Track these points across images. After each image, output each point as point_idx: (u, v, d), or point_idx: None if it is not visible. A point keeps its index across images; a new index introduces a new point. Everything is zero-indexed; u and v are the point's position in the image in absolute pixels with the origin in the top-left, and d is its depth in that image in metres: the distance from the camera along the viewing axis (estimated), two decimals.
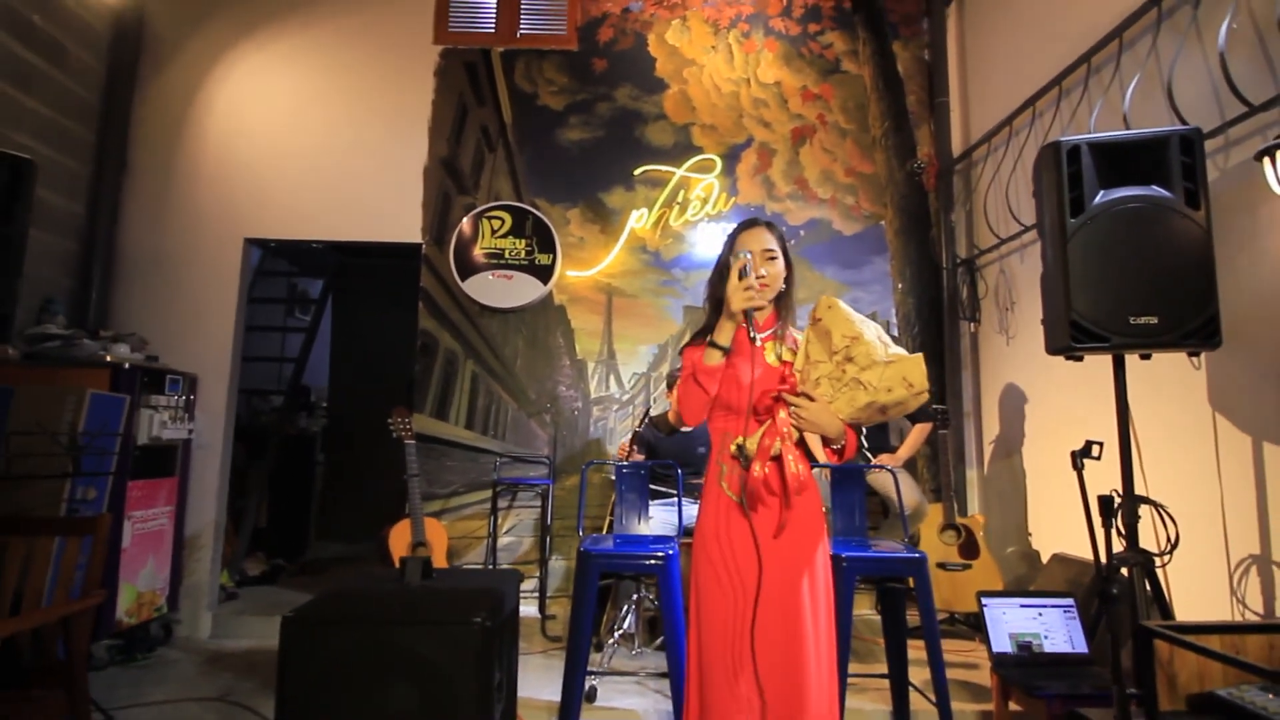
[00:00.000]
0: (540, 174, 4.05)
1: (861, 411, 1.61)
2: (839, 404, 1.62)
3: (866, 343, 1.62)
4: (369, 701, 1.66)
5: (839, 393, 1.62)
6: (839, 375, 1.62)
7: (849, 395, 1.61)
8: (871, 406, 1.60)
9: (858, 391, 1.59)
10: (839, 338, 1.64)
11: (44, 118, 3.48)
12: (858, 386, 1.59)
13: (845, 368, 1.62)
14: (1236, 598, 2.26)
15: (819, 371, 1.66)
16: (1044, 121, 3.22)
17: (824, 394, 1.64)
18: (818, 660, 1.61)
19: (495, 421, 3.85)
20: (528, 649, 3.11)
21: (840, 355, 1.63)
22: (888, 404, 1.61)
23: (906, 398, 1.59)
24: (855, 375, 1.60)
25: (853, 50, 4.16)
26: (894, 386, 1.58)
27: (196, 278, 3.86)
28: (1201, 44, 2.38)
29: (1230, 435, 2.28)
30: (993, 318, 3.70)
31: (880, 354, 1.62)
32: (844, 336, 1.63)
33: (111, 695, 2.67)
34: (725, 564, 1.66)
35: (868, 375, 1.59)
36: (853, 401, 1.60)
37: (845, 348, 1.62)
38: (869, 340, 1.63)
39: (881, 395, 1.58)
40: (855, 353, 1.61)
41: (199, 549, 3.64)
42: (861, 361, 1.60)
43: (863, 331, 1.64)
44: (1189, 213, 2.01)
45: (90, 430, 2.87)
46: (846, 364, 1.62)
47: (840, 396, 1.61)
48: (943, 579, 3.23)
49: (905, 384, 1.58)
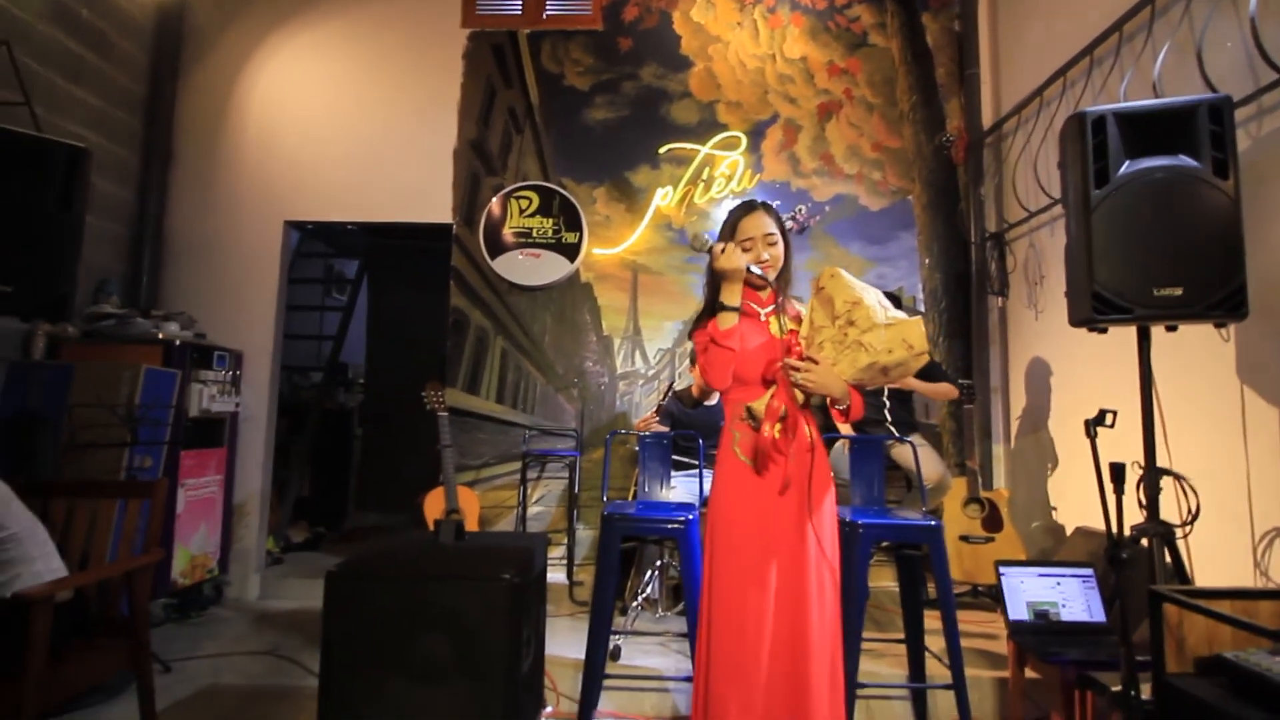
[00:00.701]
0: (567, 154, 4.11)
1: (864, 372, 1.68)
2: (842, 365, 1.70)
3: (867, 307, 1.69)
4: (405, 650, 1.78)
5: (841, 354, 1.69)
6: (841, 338, 1.69)
7: (851, 357, 1.68)
8: (873, 367, 1.67)
9: (859, 353, 1.67)
10: (841, 304, 1.71)
11: (93, 108, 3.64)
12: (859, 348, 1.66)
13: (847, 331, 1.69)
14: (1260, 570, 2.26)
15: (822, 336, 1.73)
16: (1075, 92, 3.17)
17: (827, 356, 1.71)
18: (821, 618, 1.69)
19: (524, 396, 3.96)
20: (556, 612, 3.23)
21: (842, 320, 1.69)
22: (889, 365, 1.67)
23: (907, 358, 1.66)
24: (857, 338, 1.67)
25: (881, 23, 4.11)
26: (894, 348, 1.65)
27: (240, 259, 4.02)
28: (1236, 9, 2.32)
29: (1258, 408, 2.26)
30: (1021, 292, 3.67)
31: (880, 317, 1.69)
32: (845, 302, 1.70)
33: (169, 648, 2.87)
34: (738, 524, 1.74)
35: (868, 337, 1.66)
36: (855, 362, 1.68)
37: (847, 312, 1.69)
38: (869, 305, 1.69)
39: (882, 356, 1.65)
40: (856, 316, 1.68)
41: (246, 516, 3.84)
42: (863, 324, 1.67)
43: (863, 297, 1.71)
44: (1217, 182, 1.98)
45: (145, 403, 3.05)
46: (849, 327, 1.69)
47: (843, 358, 1.69)
48: (966, 551, 3.25)
49: (905, 345, 1.65)
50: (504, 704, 1.73)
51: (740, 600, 1.72)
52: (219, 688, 2.58)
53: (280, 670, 2.73)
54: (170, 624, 3.28)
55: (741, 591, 1.72)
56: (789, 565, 1.72)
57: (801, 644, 1.68)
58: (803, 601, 1.70)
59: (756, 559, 1.72)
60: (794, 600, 1.70)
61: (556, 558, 3.67)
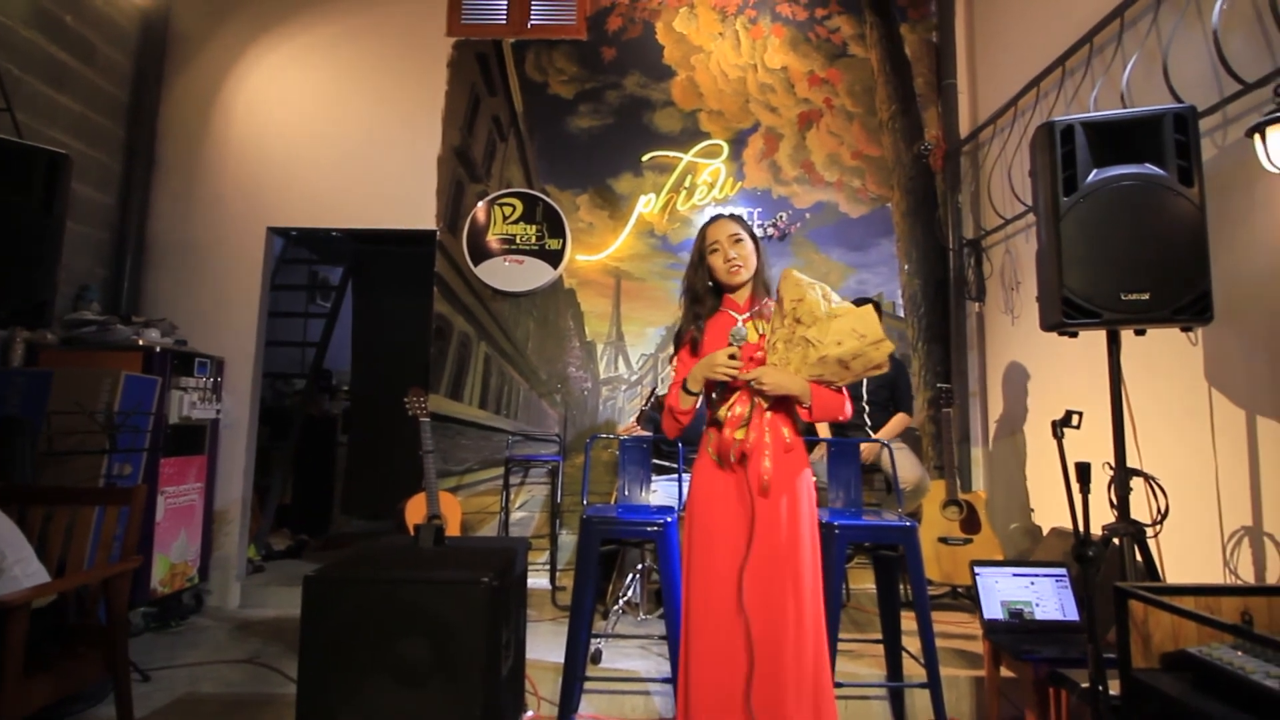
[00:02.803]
0: (550, 161, 4.13)
1: (818, 367, 1.69)
2: (794, 364, 1.71)
3: (810, 302, 1.71)
4: (384, 655, 1.78)
5: (791, 352, 1.71)
6: (790, 336, 1.71)
7: (801, 353, 1.69)
8: (827, 361, 1.68)
9: (808, 349, 1.68)
10: (788, 302, 1.73)
11: (76, 114, 3.63)
12: (806, 344, 1.68)
13: (795, 329, 1.70)
14: (1229, 569, 2.30)
15: (775, 336, 1.75)
16: (1048, 102, 3.23)
17: (780, 357, 1.73)
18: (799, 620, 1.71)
19: (507, 401, 3.97)
20: (538, 617, 3.23)
21: (789, 318, 1.72)
22: (843, 356, 1.68)
23: (862, 348, 1.67)
24: (803, 334, 1.69)
25: (860, 34, 4.18)
26: (843, 339, 1.66)
27: (222, 266, 4.01)
28: (1201, 22, 2.39)
29: (1225, 409, 2.31)
30: (998, 298, 3.73)
31: (822, 310, 1.70)
32: (792, 300, 1.73)
33: (148, 657, 2.85)
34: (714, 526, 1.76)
35: (813, 332, 1.67)
36: (805, 359, 1.69)
37: (793, 310, 1.71)
38: (812, 299, 1.71)
39: (832, 349, 1.66)
40: (800, 313, 1.70)
41: (227, 523, 3.82)
42: (807, 320, 1.69)
43: (807, 294, 1.73)
44: (1182, 190, 2.04)
45: (125, 409, 3.03)
46: (796, 325, 1.71)
47: (794, 356, 1.70)
48: (944, 553, 3.29)
49: (856, 335, 1.66)
50: (483, 707, 1.74)
51: (717, 601, 1.74)
52: (198, 696, 2.57)
53: (260, 678, 2.72)
54: (149, 633, 3.25)
55: (718, 593, 1.74)
56: (766, 566, 1.74)
57: (779, 644, 1.70)
58: (780, 603, 1.72)
59: (732, 560, 1.74)
60: (772, 601, 1.72)
61: (540, 563, 3.67)
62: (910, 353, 3.97)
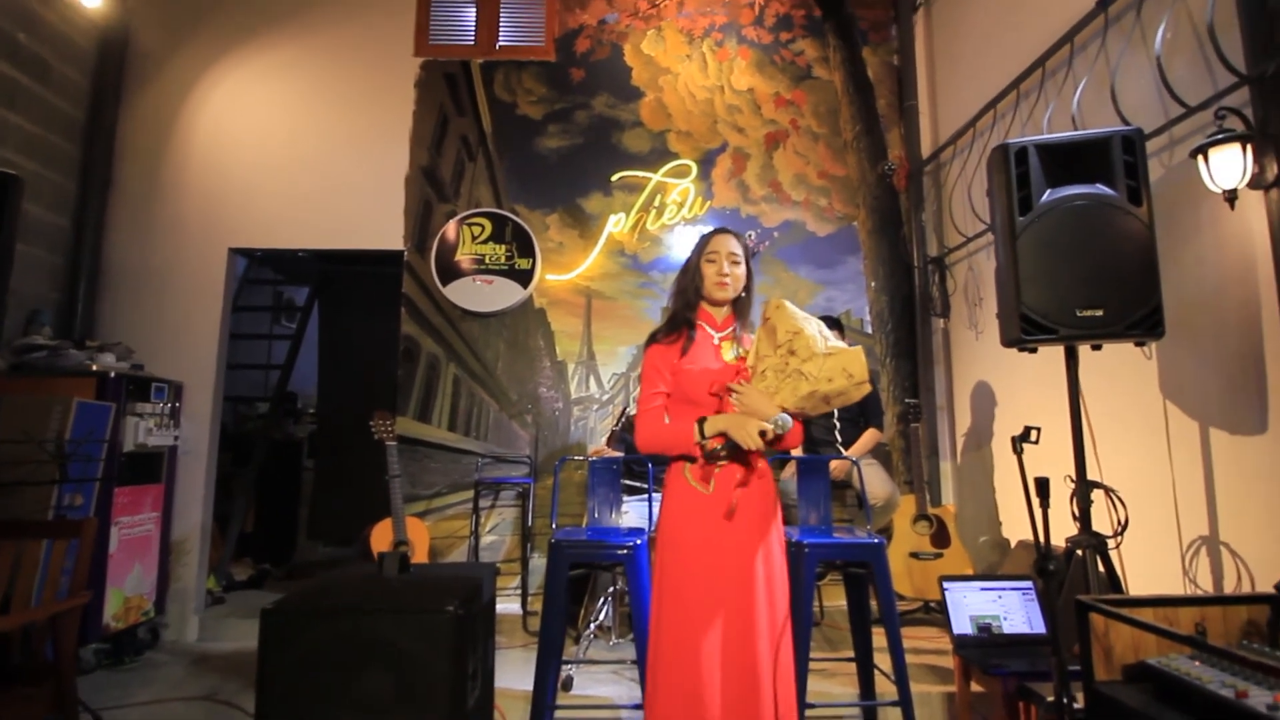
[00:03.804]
0: (520, 181, 4.13)
1: (805, 400, 1.72)
2: (784, 394, 1.73)
3: (808, 337, 1.74)
4: (346, 689, 1.72)
5: (783, 383, 1.73)
6: (783, 367, 1.73)
7: (792, 385, 1.72)
8: (814, 395, 1.71)
9: (800, 381, 1.71)
10: (783, 333, 1.75)
11: (29, 133, 3.54)
12: (800, 377, 1.70)
13: (789, 360, 1.73)
14: (1189, 578, 2.35)
15: (765, 364, 1.77)
16: (1005, 123, 3.32)
17: (770, 385, 1.74)
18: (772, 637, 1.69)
19: (477, 423, 3.92)
20: (509, 644, 3.18)
21: (784, 349, 1.74)
22: (830, 393, 1.72)
23: (847, 387, 1.71)
24: (797, 367, 1.71)
25: (824, 57, 4.27)
26: (834, 377, 1.70)
27: (181, 288, 3.92)
28: (1146, 47, 2.48)
29: (1180, 422, 2.37)
30: (962, 314, 3.80)
31: (820, 347, 1.73)
32: (787, 332, 1.75)
33: (99, 697, 2.73)
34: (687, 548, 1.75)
35: (808, 366, 1.70)
36: (795, 390, 1.71)
37: (788, 341, 1.74)
38: (810, 335, 1.74)
39: (823, 385, 1.70)
40: (797, 346, 1.73)
41: (185, 554, 3.69)
42: (803, 354, 1.72)
43: (804, 327, 1.76)
44: (1132, 209, 2.10)
45: (76, 438, 2.93)
46: (790, 357, 1.73)
47: (784, 386, 1.72)
48: (916, 568, 3.31)
49: (845, 374, 1.69)
50: None
51: (688, 625, 1.71)
52: None
53: (218, 716, 2.62)
54: (102, 670, 3.12)
55: (689, 616, 1.72)
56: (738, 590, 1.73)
57: (751, 669, 1.69)
58: (751, 626, 1.70)
59: (705, 583, 1.73)
60: (743, 625, 1.71)
61: (511, 588, 3.62)
62: (879, 368, 4.02)
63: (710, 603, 1.71)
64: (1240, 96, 2.10)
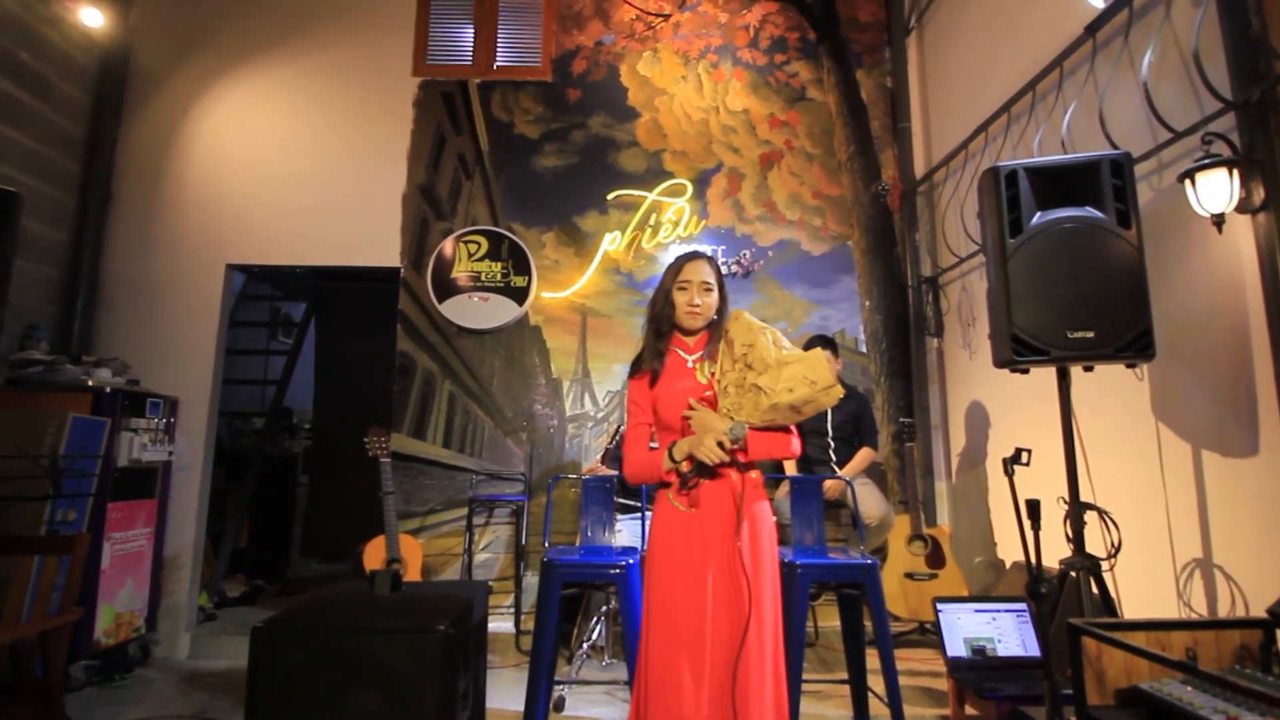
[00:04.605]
0: (516, 199, 4.16)
1: (770, 413, 1.69)
2: (746, 409, 1.70)
3: (761, 348, 1.71)
4: (336, 708, 1.71)
5: (744, 398, 1.70)
6: (741, 382, 1.71)
7: (753, 400, 1.69)
8: (777, 408, 1.67)
9: (759, 396, 1.68)
10: (739, 346, 1.74)
11: (29, 150, 3.57)
12: (757, 392, 1.68)
13: (745, 375, 1.71)
14: (1183, 600, 2.34)
15: (726, 380, 1.75)
16: (996, 145, 3.36)
17: (732, 402, 1.72)
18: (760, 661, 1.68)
19: (472, 440, 3.92)
20: (502, 663, 3.16)
21: (740, 363, 1.72)
22: (794, 403, 1.67)
23: (813, 394, 1.66)
24: (754, 381, 1.69)
25: (818, 79, 4.32)
26: (795, 386, 1.66)
27: (179, 303, 3.93)
28: (1134, 72, 2.51)
29: (1172, 443, 2.38)
30: (956, 333, 3.82)
31: (773, 357, 1.70)
32: (742, 345, 1.73)
33: (89, 714, 2.70)
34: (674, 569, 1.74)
35: (764, 379, 1.68)
36: (757, 405, 1.68)
37: (743, 355, 1.72)
38: (763, 345, 1.72)
39: (783, 396, 1.66)
40: (752, 359, 1.71)
41: (178, 570, 3.67)
42: (758, 367, 1.70)
43: (758, 339, 1.74)
44: (1121, 232, 2.12)
45: (71, 453, 2.93)
46: (746, 371, 1.71)
47: (746, 402, 1.70)
48: (911, 589, 3.30)
49: (807, 382, 1.65)
50: None
51: (674, 647, 1.71)
52: None
53: None
54: (92, 688, 3.09)
55: (676, 638, 1.71)
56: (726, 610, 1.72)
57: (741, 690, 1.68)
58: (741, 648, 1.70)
59: (693, 605, 1.72)
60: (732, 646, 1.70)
61: (504, 607, 3.60)
62: (874, 387, 4.03)
63: (696, 624, 1.70)
64: (1227, 122, 2.13)
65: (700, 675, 1.67)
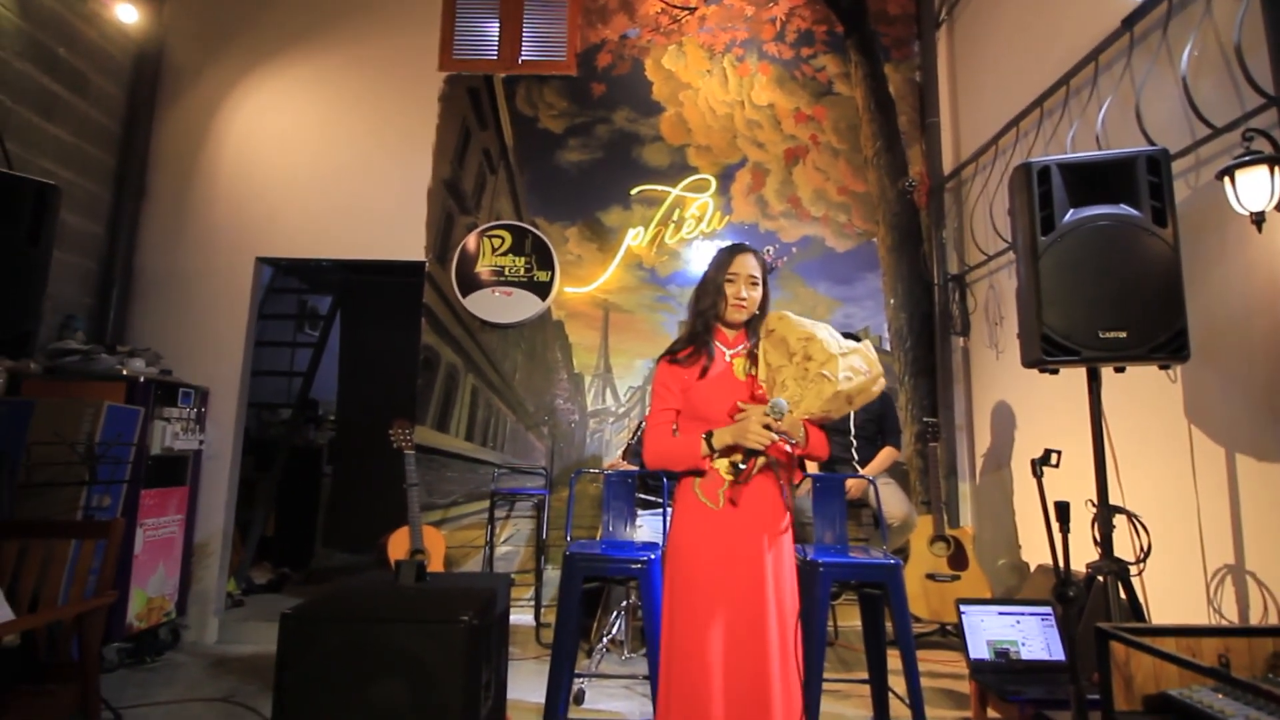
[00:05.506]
0: (540, 194, 4.18)
1: (830, 402, 1.72)
2: (808, 400, 1.73)
3: (820, 340, 1.76)
4: (361, 695, 1.75)
5: (806, 389, 1.73)
6: (802, 374, 1.74)
7: (816, 389, 1.72)
8: (839, 396, 1.72)
9: (823, 384, 1.72)
10: (795, 341, 1.76)
11: (66, 144, 3.65)
12: (822, 380, 1.72)
13: (807, 366, 1.73)
14: (1213, 607, 2.30)
15: (783, 375, 1.77)
16: (1028, 141, 3.30)
17: (793, 395, 1.74)
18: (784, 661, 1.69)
19: (494, 433, 3.95)
20: (522, 655, 3.19)
21: (799, 355, 1.74)
22: (851, 391, 1.73)
23: (866, 383, 1.74)
24: (818, 370, 1.72)
25: (845, 73, 4.27)
26: (853, 375, 1.72)
27: (209, 295, 4.01)
28: (1173, 66, 2.45)
29: (1205, 447, 2.33)
30: (983, 332, 3.77)
31: (835, 347, 1.76)
32: (799, 339, 1.76)
33: (121, 695, 2.78)
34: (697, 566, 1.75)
35: (829, 368, 1.71)
36: (820, 394, 1.72)
37: (803, 348, 1.75)
38: (822, 338, 1.77)
39: (844, 384, 1.71)
40: (813, 351, 1.74)
41: (207, 557, 3.76)
42: (820, 357, 1.73)
43: (814, 332, 1.78)
44: (1156, 230, 2.07)
45: (106, 440, 3.00)
46: (807, 362, 1.73)
47: (808, 393, 1.73)
48: (932, 590, 3.27)
49: (863, 370, 1.74)
50: None
51: (699, 643, 1.71)
52: None
53: (235, 718, 2.66)
54: (124, 669, 3.18)
55: (700, 633, 1.72)
56: (749, 607, 1.72)
57: (763, 688, 1.68)
58: (763, 645, 1.69)
59: (715, 601, 1.73)
60: (754, 643, 1.70)
61: (525, 599, 3.63)
62: (897, 386, 3.99)
63: (720, 618, 1.71)
64: (1268, 118, 2.07)
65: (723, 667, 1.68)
